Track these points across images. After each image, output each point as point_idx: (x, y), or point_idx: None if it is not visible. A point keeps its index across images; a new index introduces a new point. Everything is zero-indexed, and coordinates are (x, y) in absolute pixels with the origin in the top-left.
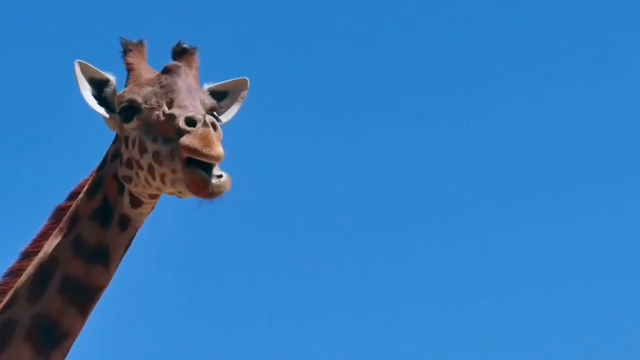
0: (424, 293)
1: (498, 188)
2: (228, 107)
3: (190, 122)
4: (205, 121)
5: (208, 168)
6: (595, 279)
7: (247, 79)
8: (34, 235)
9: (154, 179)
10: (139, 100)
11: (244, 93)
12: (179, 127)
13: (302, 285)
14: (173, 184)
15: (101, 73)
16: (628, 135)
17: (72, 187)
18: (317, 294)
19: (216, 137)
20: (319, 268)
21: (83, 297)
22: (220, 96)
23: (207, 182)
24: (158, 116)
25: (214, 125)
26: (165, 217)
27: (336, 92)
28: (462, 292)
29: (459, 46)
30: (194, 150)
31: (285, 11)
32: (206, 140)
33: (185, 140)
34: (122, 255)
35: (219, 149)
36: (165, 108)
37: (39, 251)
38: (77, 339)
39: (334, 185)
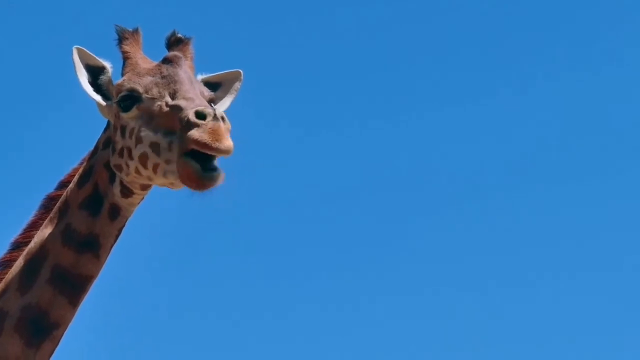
0: (420, 289)
1: (492, 183)
2: (221, 98)
3: (200, 115)
4: (215, 115)
5: (208, 160)
6: (593, 276)
7: (241, 71)
8: (23, 225)
9: (145, 168)
10: (140, 89)
11: (237, 85)
12: (188, 119)
13: (296, 282)
14: (165, 174)
15: (98, 60)
16: (622, 131)
17: (61, 176)
18: (311, 291)
19: (226, 130)
20: (312, 265)
21: (73, 286)
22: (213, 87)
23: (200, 174)
24: (160, 107)
25: (223, 119)
26: (156, 209)
27: (328, 85)
28: (460, 287)
29: (451, 38)
30: (204, 144)
31: (278, 3)
32: (216, 134)
33: (195, 133)
34: (112, 245)
35: (228, 142)
36: (168, 99)
37: (29, 241)
38: (68, 328)
39: (326, 179)
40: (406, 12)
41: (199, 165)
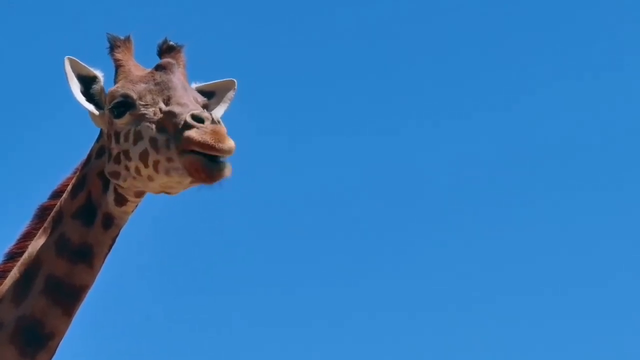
0: (418, 296)
1: (493, 189)
2: (214, 107)
3: (197, 119)
4: (213, 119)
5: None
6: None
7: (235, 80)
8: (17, 235)
9: (146, 166)
10: (134, 96)
11: (231, 94)
12: (185, 121)
13: (292, 289)
14: (167, 171)
15: (89, 69)
16: (621, 134)
17: (54, 186)
18: (303, 297)
19: (225, 131)
20: (308, 270)
21: (67, 297)
22: (207, 96)
23: (209, 165)
24: (154, 112)
25: (219, 123)
26: (149, 218)
27: (324, 92)
28: (459, 295)
29: (449, 45)
30: (208, 146)
31: (272, 9)
32: (218, 134)
33: (194, 134)
34: (106, 254)
35: (231, 142)
36: (162, 105)
37: (23, 252)
38: (64, 339)
39: (320, 186)
40: (405, 17)
41: (205, 157)
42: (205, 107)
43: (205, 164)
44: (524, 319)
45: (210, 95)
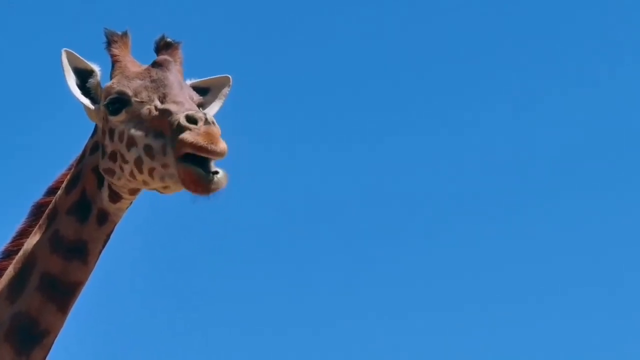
0: (416, 300)
1: (497, 193)
2: (209, 103)
3: (191, 119)
4: (206, 119)
5: (204, 164)
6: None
7: (230, 77)
8: (13, 233)
9: (140, 172)
10: (129, 92)
11: (226, 90)
12: (179, 123)
13: (290, 289)
14: (162, 178)
15: (87, 63)
16: (624, 138)
17: (49, 182)
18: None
19: (219, 133)
20: (305, 274)
21: (62, 293)
22: (202, 92)
23: (205, 179)
24: (149, 110)
25: (213, 123)
26: (145, 214)
27: (324, 92)
28: (462, 299)
29: (451, 51)
30: (200, 147)
31: (269, 9)
32: (211, 136)
33: (187, 136)
34: (101, 250)
35: (223, 145)
36: (158, 103)
37: (19, 250)
38: (59, 335)
39: (319, 187)
40: (406, 19)
41: (202, 169)
42: (200, 105)
43: (200, 177)
44: (529, 322)
45: (205, 92)
